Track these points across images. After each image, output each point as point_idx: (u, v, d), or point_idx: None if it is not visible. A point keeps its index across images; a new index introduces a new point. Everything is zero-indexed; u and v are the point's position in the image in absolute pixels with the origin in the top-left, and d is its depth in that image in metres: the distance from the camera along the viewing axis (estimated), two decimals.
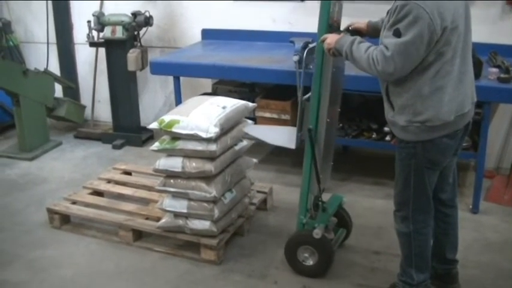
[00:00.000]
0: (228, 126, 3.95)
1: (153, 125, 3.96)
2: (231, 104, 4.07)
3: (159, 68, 5.45)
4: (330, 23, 3.38)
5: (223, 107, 3.96)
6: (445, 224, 3.46)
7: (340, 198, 4.07)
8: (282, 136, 3.94)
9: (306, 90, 3.69)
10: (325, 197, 3.90)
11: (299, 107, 3.63)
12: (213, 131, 3.73)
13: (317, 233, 3.64)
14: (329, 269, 3.77)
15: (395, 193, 3.35)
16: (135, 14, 5.92)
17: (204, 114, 3.85)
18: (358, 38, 3.16)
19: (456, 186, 3.50)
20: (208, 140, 3.76)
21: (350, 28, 3.52)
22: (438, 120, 3.01)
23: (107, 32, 6.01)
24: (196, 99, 4.22)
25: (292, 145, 3.73)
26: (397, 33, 2.86)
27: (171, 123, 3.84)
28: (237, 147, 4.14)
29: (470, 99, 3.17)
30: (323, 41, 3.31)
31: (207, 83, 5.98)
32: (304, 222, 3.79)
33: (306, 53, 3.49)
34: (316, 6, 3.70)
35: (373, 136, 4.94)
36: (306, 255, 3.76)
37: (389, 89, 3.11)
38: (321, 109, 3.55)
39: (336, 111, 3.75)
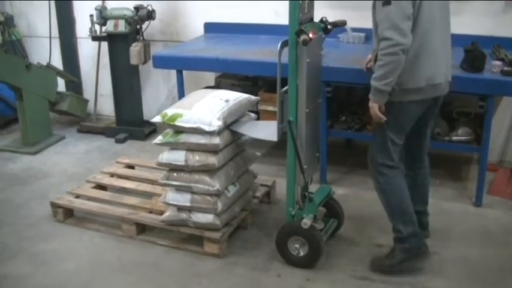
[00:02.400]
0: (231, 120, 3.95)
1: (156, 119, 3.96)
2: (234, 97, 4.07)
3: (162, 62, 5.44)
4: (300, 20, 3.43)
5: (226, 101, 3.96)
6: (412, 180, 3.83)
7: (328, 188, 4.09)
8: (265, 129, 3.96)
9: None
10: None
11: (278, 99, 3.64)
12: (216, 124, 3.73)
13: (305, 223, 3.67)
14: (320, 258, 3.78)
15: (370, 156, 3.73)
16: (137, 8, 5.92)
17: (207, 107, 3.85)
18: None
19: (424, 151, 3.88)
20: (212, 133, 3.75)
21: (323, 19, 3.64)
22: (411, 84, 3.38)
23: (110, 26, 6.00)
24: (199, 93, 4.21)
25: (274, 138, 3.75)
26: (387, 1, 3.20)
27: (174, 117, 3.83)
28: (240, 141, 4.14)
29: (443, 76, 3.50)
30: (297, 33, 3.37)
31: (210, 77, 5.98)
32: (292, 214, 3.82)
33: (281, 45, 3.51)
34: None
35: None
36: (297, 246, 3.78)
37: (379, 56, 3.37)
38: (299, 100, 3.57)
39: (317, 102, 3.79)
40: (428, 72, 3.38)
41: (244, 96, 4.18)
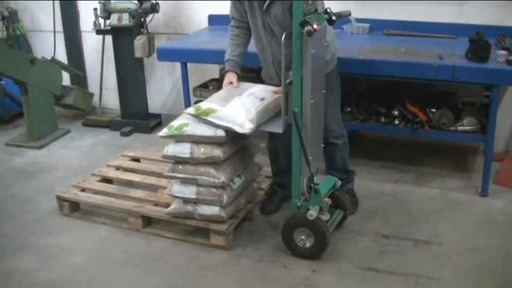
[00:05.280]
0: (264, 120, 3.85)
1: (190, 111, 3.85)
2: (270, 96, 3.96)
3: (166, 55, 5.43)
4: (304, 11, 3.41)
5: (262, 99, 3.86)
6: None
7: (334, 180, 4.09)
8: (270, 121, 3.93)
9: None
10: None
11: (282, 91, 3.63)
12: (247, 127, 3.66)
13: (311, 214, 3.67)
14: (326, 249, 3.78)
15: (334, 121, 4.15)
16: (141, 1, 5.92)
17: (242, 106, 3.76)
18: None
19: None
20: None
21: (328, 10, 3.59)
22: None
23: (114, 20, 6.01)
24: (237, 89, 4.08)
25: (279, 129, 3.73)
26: None
27: (208, 112, 3.74)
28: None
29: None
30: (301, 24, 3.36)
31: (215, 69, 5.97)
32: (298, 205, 3.81)
33: (285, 37, 3.49)
34: None
35: (382, 120, 4.93)
36: (303, 237, 3.78)
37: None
38: (304, 92, 3.55)
39: (321, 94, 3.77)
40: None
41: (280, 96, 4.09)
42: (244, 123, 3.67)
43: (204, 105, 3.82)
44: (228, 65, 4.18)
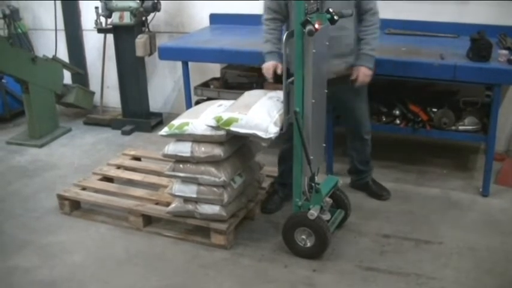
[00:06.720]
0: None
1: (211, 123, 3.78)
2: None
3: (168, 53, 5.43)
4: (306, 11, 3.41)
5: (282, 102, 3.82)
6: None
7: (335, 179, 4.08)
8: None
9: None
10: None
11: (284, 90, 3.63)
12: (272, 131, 3.63)
13: (312, 214, 3.66)
14: (326, 249, 3.78)
15: (366, 116, 4.40)
16: (142, 0, 5.91)
17: (264, 110, 3.73)
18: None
19: None
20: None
21: (329, 10, 3.58)
22: None
23: (115, 18, 6.00)
24: (255, 93, 4.09)
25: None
26: None
27: (229, 121, 3.69)
28: None
29: None
30: (303, 24, 3.35)
31: (216, 68, 5.97)
32: (299, 204, 3.81)
33: (286, 36, 3.49)
34: None
35: (383, 119, 4.92)
36: (303, 236, 3.78)
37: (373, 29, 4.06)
38: (305, 91, 3.55)
39: (323, 93, 3.76)
40: None
41: None
42: (268, 127, 3.63)
43: (225, 115, 3.74)
44: (271, 57, 4.09)
